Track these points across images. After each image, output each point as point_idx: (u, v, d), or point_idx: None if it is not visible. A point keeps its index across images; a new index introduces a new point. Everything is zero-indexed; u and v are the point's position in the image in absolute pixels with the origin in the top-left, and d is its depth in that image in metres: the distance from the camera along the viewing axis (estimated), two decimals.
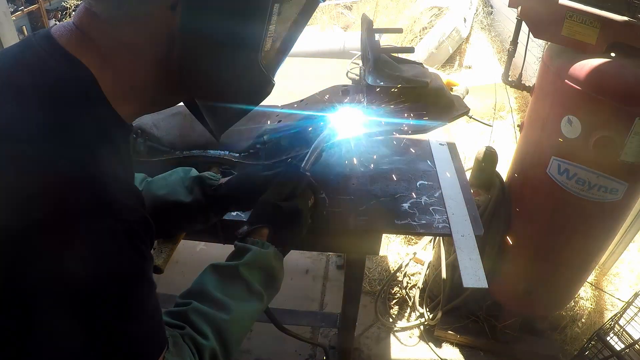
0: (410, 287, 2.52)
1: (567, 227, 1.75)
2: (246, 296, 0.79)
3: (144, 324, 0.58)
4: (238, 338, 0.76)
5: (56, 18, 5.57)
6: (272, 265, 0.83)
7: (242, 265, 0.80)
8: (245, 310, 0.78)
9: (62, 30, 0.60)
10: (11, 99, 0.54)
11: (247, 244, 0.83)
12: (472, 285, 1.16)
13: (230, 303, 0.76)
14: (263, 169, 0.98)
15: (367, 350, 2.27)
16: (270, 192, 0.91)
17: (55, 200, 0.49)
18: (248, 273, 0.80)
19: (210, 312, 0.73)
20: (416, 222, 1.31)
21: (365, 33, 1.25)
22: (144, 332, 0.58)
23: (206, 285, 0.77)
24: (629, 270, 2.65)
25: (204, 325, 0.72)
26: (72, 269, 0.49)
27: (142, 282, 0.57)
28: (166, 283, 1.97)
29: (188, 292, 0.77)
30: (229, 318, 0.74)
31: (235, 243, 0.85)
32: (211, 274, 0.79)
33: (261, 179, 0.96)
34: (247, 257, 0.81)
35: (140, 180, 1.02)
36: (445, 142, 1.68)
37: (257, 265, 0.81)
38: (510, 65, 1.85)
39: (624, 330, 2.02)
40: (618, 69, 1.41)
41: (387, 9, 5.24)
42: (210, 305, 0.74)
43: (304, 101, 1.42)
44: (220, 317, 0.74)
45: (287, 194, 0.90)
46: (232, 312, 0.75)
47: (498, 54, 4.84)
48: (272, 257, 0.84)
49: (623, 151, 1.45)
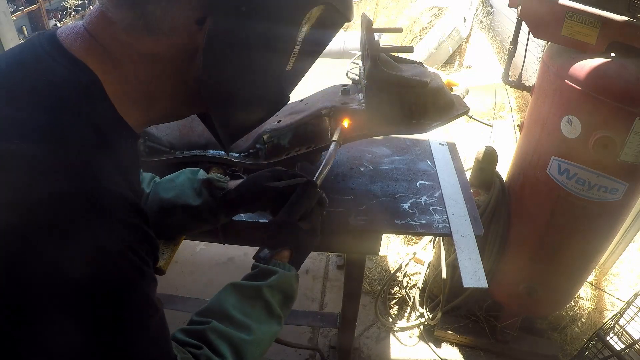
0: (410, 287, 2.52)
1: (567, 227, 1.75)
2: (267, 318, 0.77)
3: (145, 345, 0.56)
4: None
5: (56, 18, 5.57)
6: (293, 288, 0.82)
7: (265, 287, 0.78)
8: (265, 332, 0.76)
9: (68, 32, 0.58)
10: (7, 101, 0.52)
11: (269, 265, 0.82)
12: (472, 285, 1.16)
13: (250, 324, 0.74)
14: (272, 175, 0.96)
15: (367, 350, 2.27)
16: (286, 212, 0.88)
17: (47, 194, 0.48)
18: (271, 295, 0.78)
19: (230, 332, 0.71)
20: (416, 222, 1.31)
21: (365, 32, 1.25)
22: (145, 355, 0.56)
23: (226, 304, 0.75)
24: (629, 270, 2.65)
25: (223, 345, 0.69)
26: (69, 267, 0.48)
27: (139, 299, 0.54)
28: (166, 283, 1.97)
29: (206, 310, 0.75)
30: (249, 339, 0.72)
31: (257, 264, 0.83)
32: (231, 293, 0.77)
33: (270, 189, 0.93)
34: (273, 279, 0.79)
35: (149, 180, 1.01)
36: (445, 142, 1.68)
37: (280, 288, 0.80)
38: (510, 65, 1.85)
39: (624, 330, 2.02)
40: (618, 69, 1.41)
41: (387, 9, 5.24)
42: (230, 325, 0.72)
43: (304, 101, 1.41)
44: (240, 337, 0.71)
45: (303, 213, 0.88)
46: (253, 334, 0.73)
47: (498, 54, 4.84)
48: (294, 280, 0.83)
49: (623, 151, 1.45)
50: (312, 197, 0.90)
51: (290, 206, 0.88)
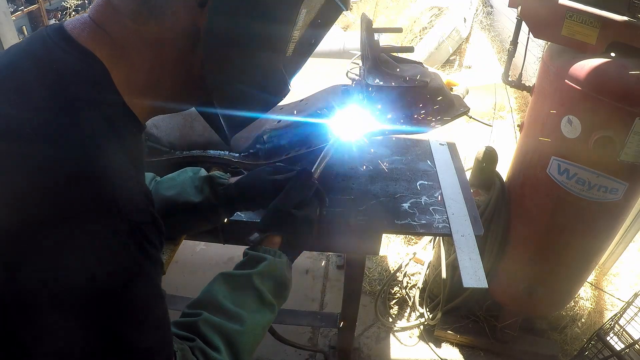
0: (410, 287, 2.52)
1: (567, 227, 1.75)
2: (258, 307, 0.77)
3: (148, 334, 0.56)
4: (250, 350, 0.74)
5: (56, 18, 5.58)
6: (284, 274, 0.81)
7: (255, 275, 0.78)
8: (258, 321, 0.76)
9: (75, 23, 0.58)
10: (15, 91, 0.52)
11: (259, 252, 0.81)
12: (472, 285, 1.16)
13: (242, 314, 0.74)
14: (273, 170, 0.96)
15: (367, 350, 2.27)
16: (281, 199, 0.88)
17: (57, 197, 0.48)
18: (261, 283, 0.78)
19: (222, 323, 0.71)
20: (416, 222, 1.31)
21: (365, 32, 1.25)
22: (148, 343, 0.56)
23: (216, 295, 0.75)
24: (629, 270, 2.65)
25: (215, 337, 0.69)
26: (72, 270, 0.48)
27: (146, 286, 0.55)
28: (166, 283, 1.96)
29: (197, 302, 0.75)
30: (242, 329, 0.72)
31: (246, 251, 0.83)
32: (222, 283, 0.77)
33: (271, 182, 0.94)
34: (261, 266, 0.79)
35: (150, 179, 1.01)
36: (445, 142, 1.68)
37: (270, 275, 0.79)
38: (510, 65, 1.85)
39: (624, 330, 2.02)
40: (618, 69, 1.41)
41: (387, 9, 5.25)
42: (222, 316, 0.72)
43: (304, 101, 1.42)
44: (232, 328, 0.71)
45: (298, 202, 0.88)
46: (245, 323, 0.73)
47: (498, 54, 4.84)
48: (284, 267, 0.82)
49: (623, 151, 1.45)
50: (307, 186, 0.90)
51: (284, 193, 0.89)
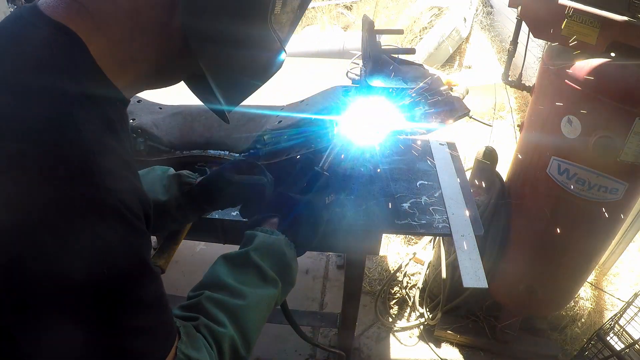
0: (410, 287, 2.52)
1: (567, 227, 1.75)
2: (260, 282, 0.77)
3: (149, 317, 0.56)
4: (256, 326, 0.74)
5: None
6: (283, 251, 0.81)
7: (252, 251, 0.78)
8: (261, 295, 0.76)
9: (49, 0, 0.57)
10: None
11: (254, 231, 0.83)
12: (472, 285, 1.16)
13: (244, 289, 0.74)
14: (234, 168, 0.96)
15: (367, 350, 2.27)
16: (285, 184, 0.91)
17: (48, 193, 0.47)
18: (259, 258, 0.78)
19: (225, 299, 0.71)
20: (416, 222, 1.31)
21: (367, 34, 1.25)
22: (151, 326, 0.56)
23: (218, 274, 0.75)
24: (629, 270, 2.65)
25: (220, 313, 0.69)
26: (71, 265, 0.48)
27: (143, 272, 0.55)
28: (166, 283, 1.96)
29: (200, 284, 0.76)
30: (245, 304, 0.72)
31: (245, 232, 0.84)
32: (222, 264, 0.78)
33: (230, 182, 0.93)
34: (256, 242, 0.80)
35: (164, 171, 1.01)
36: (445, 142, 1.68)
37: (267, 251, 0.80)
38: (510, 65, 1.85)
39: (624, 330, 2.02)
40: (618, 69, 1.41)
41: (387, 9, 5.24)
42: (224, 292, 0.72)
43: (304, 101, 1.42)
44: (235, 303, 0.71)
45: (301, 189, 0.90)
46: (248, 298, 0.73)
47: (498, 54, 4.84)
48: (282, 244, 0.82)
49: (623, 151, 1.45)
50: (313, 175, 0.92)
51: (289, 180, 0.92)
